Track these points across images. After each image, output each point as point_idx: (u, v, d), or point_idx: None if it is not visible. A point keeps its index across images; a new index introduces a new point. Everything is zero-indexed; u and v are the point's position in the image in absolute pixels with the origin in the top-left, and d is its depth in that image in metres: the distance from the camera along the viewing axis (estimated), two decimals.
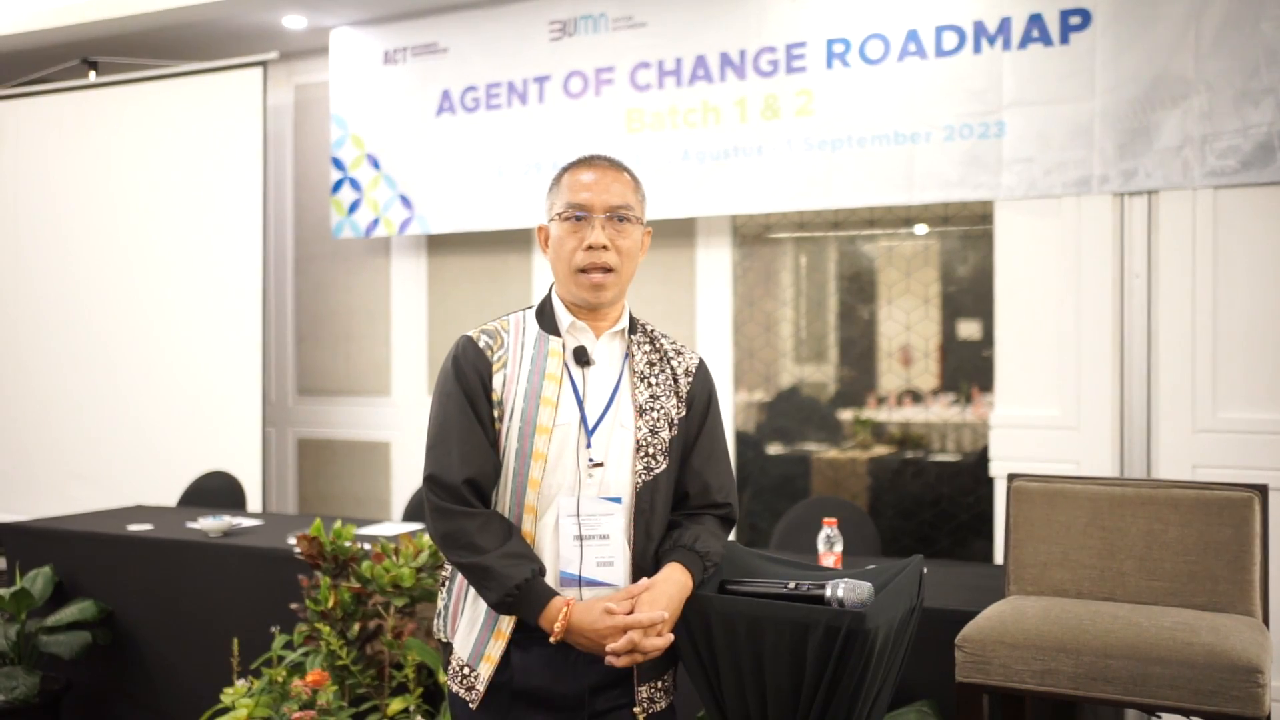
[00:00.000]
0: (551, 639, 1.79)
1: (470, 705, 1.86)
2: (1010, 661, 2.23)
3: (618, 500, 1.86)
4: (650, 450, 1.89)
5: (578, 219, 1.88)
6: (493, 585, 1.79)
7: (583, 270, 1.87)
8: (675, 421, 1.93)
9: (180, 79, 5.46)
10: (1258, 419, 3.69)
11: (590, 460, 1.85)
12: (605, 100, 4.70)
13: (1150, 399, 3.86)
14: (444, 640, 1.95)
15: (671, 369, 1.97)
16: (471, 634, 1.88)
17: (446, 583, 1.96)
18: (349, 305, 5.65)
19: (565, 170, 1.94)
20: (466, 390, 1.87)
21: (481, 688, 1.85)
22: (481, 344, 1.91)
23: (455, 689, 1.89)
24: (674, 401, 1.94)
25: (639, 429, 1.89)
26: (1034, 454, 3.92)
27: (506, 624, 1.85)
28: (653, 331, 2.01)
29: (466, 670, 1.87)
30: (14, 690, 3.65)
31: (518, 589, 1.78)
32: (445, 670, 1.94)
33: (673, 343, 2.02)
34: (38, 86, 5.84)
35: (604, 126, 4.69)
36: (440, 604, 1.97)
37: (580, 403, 1.88)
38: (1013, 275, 4.06)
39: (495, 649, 1.84)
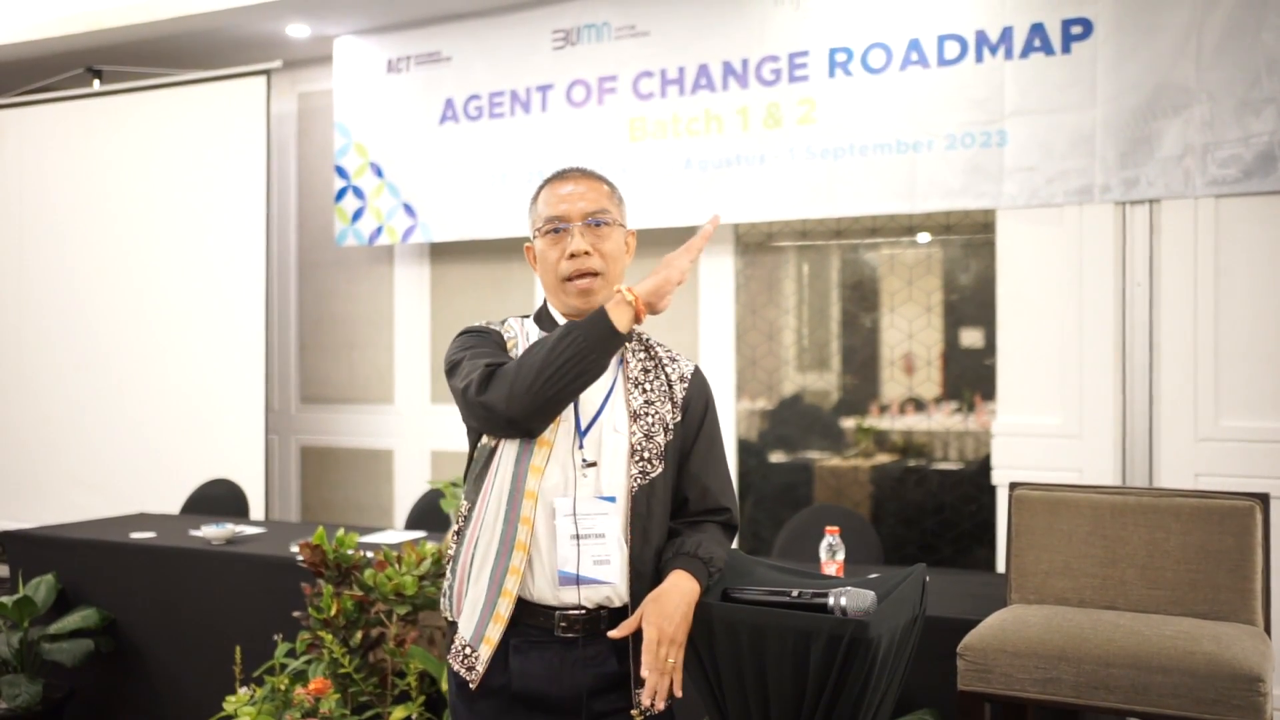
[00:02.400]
0: (644, 312, 1.83)
1: (470, 685, 1.86)
2: (1012, 670, 2.23)
3: (612, 500, 1.87)
4: (645, 454, 1.90)
5: (557, 231, 1.92)
6: (558, 341, 1.78)
7: (569, 279, 1.90)
8: (670, 426, 1.94)
9: (184, 87, 5.48)
10: (1259, 427, 3.70)
11: (584, 460, 1.87)
12: (608, 109, 4.72)
13: (1152, 407, 3.86)
14: (450, 619, 1.94)
15: (666, 375, 1.99)
16: (474, 615, 1.88)
17: (451, 562, 1.95)
18: (352, 313, 5.66)
19: (541, 187, 2.01)
20: (490, 339, 1.94)
21: (481, 669, 1.85)
22: (490, 327, 1.99)
23: (456, 667, 1.89)
24: (669, 407, 1.95)
25: (633, 433, 1.90)
26: (1036, 462, 3.92)
27: (505, 608, 1.84)
28: (648, 340, 2.03)
29: (468, 650, 1.87)
30: (17, 698, 3.66)
31: (573, 324, 1.80)
32: (449, 651, 1.93)
33: (668, 351, 2.04)
34: (42, 95, 5.86)
35: (606, 135, 4.71)
36: (445, 584, 1.97)
37: (574, 405, 1.89)
38: (1015, 284, 4.07)
39: (495, 631, 1.85)
